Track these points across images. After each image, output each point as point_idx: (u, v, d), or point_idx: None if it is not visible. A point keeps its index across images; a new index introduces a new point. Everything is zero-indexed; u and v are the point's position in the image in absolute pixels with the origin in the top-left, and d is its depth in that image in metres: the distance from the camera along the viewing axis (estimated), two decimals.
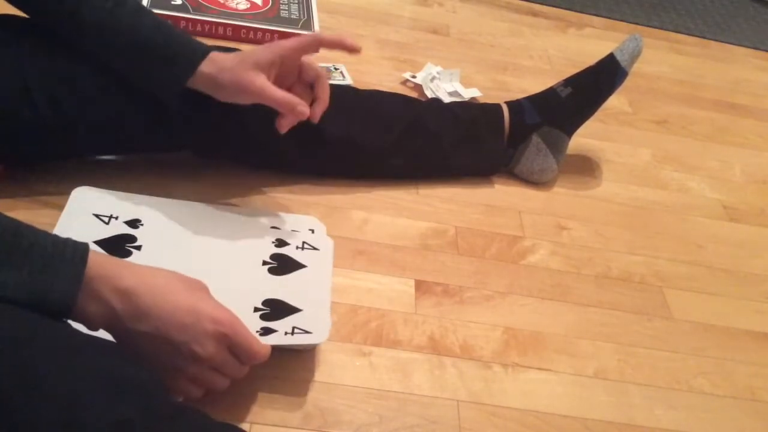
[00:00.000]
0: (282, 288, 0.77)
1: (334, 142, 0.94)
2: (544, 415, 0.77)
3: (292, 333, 0.71)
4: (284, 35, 1.27)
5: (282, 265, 0.80)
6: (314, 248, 0.84)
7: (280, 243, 0.83)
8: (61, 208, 0.84)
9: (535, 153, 1.06)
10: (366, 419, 0.73)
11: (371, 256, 0.91)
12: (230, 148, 0.93)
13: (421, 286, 0.89)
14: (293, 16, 1.32)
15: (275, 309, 0.74)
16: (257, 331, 0.70)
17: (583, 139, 1.16)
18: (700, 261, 1.04)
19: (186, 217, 0.85)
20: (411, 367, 0.79)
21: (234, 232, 0.84)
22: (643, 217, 1.10)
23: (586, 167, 1.17)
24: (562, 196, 1.10)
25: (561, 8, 1.68)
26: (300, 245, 0.84)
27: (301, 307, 0.75)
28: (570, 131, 1.08)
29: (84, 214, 0.82)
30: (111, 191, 0.86)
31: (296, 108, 0.79)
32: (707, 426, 0.81)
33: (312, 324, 0.73)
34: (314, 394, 0.73)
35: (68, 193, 0.85)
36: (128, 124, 0.86)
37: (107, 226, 0.81)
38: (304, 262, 0.81)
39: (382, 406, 0.74)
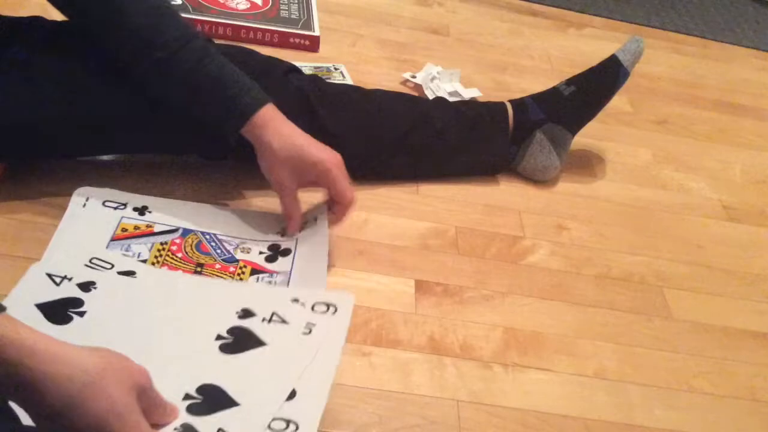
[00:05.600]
0: (231, 369, 0.67)
1: (342, 143, 0.94)
2: (544, 415, 0.77)
3: None
4: (284, 35, 1.27)
5: (238, 340, 0.70)
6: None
7: (246, 314, 0.73)
8: (61, 207, 0.84)
9: (539, 150, 1.06)
10: (366, 419, 0.73)
11: (371, 256, 0.91)
12: (236, 155, 0.93)
13: (421, 286, 0.89)
14: (293, 16, 1.32)
15: (209, 399, 0.63)
16: (174, 429, 0.60)
17: (584, 139, 1.16)
18: (700, 261, 1.04)
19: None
20: (411, 367, 0.79)
21: (198, 298, 0.77)
22: (643, 217, 1.10)
23: (586, 167, 1.17)
24: (562, 196, 1.10)
25: (561, 8, 1.68)
26: (268, 317, 0.72)
27: (239, 402, 0.63)
28: (573, 129, 1.09)
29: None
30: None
31: (288, 222, 0.86)
32: (707, 426, 0.81)
33: (242, 428, 0.61)
34: None
35: (68, 193, 0.85)
36: (135, 127, 0.86)
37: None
38: (266, 339, 0.70)
39: (382, 406, 0.74)
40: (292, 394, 0.64)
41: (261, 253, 0.85)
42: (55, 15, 0.87)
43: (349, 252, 0.91)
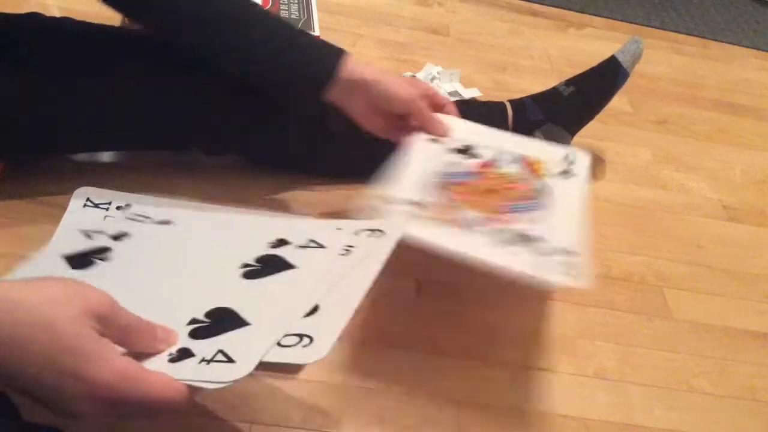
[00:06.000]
0: (250, 292, 0.61)
1: (341, 140, 0.94)
2: (544, 415, 0.77)
3: (210, 361, 0.53)
4: None
5: (265, 267, 0.65)
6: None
7: (280, 243, 0.67)
8: (61, 207, 0.84)
9: None
10: (366, 419, 0.73)
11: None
12: (239, 150, 0.94)
13: (421, 286, 0.89)
14: (293, 16, 1.32)
15: (217, 322, 0.57)
16: (169, 355, 0.53)
17: (583, 139, 1.16)
18: (700, 261, 1.04)
19: (187, 217, 0.85)
20: (411, 367, 0.79)
21: (230, 234, 0.72)
22: (643, 217, 1.10)
23: None
24: None
25: (561, 8, 1.68)
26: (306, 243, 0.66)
27: (250, 322, 0.57)
28: (572, 130, 1.09)
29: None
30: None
31: (441, 126, 0.86)
32: (707, 426, 0.81)
33: (244, 348, 0.54)
34: (314, 394, 0.73)
35: (68, 193, 0.85)
36: (136, 124, 0.86)
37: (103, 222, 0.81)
38: (293, 262, 0.65)
39: (382, 406, 0.74)
40: (314, 310, 0.58)
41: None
42: (55, 13, 0.87)
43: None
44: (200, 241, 0.72)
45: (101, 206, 0.85)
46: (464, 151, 0.86)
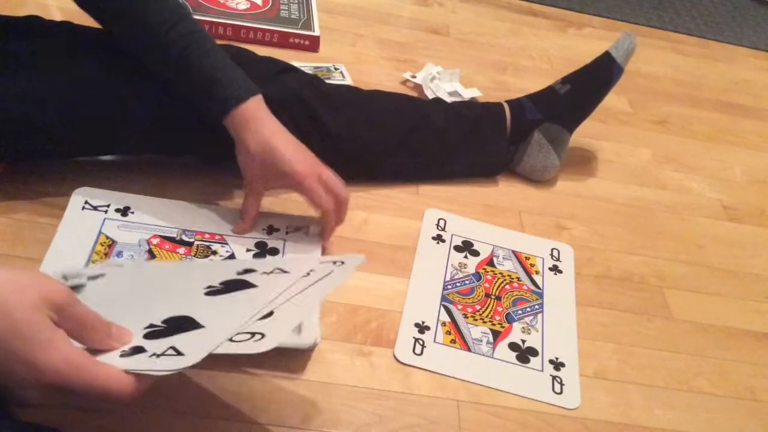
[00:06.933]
0: (209, 305, 0.63)
1: (341, 143, 0.94)
2: (544, 415, 0.77)
3: (161, 355, 0.54)
4: (284, 35, 1.27)
5: (227, 288, 0.67)
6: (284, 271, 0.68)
7: (246, 271, 0.69)
8: (61, 207, 0.84)
9: (537, 150, 1.06)
10: (366, 419, 0.73)
11: (371, 256, 0.91)
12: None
13: None
14: (293, 16, 1.32)
15: (172, 327, 0.58)
16: (122, 351, 0.54)
17: (583, 138, 1.16)
18: (700, 261, 1.04)
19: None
20: (411, 367, 0.79)
21: (202, 269, 0.75)
22: (643, 217, 1.10)
23: (586, 167, 1.17)
24: (562, 196, 1.10)
25: (561, 8, 1.68)
26: (268, 271, 0.69)
27: (205, 325, 0.59)
28: (570, 127, 1.09)
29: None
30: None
31: (241, 219, 0.87)
32: (707, 426, 0.81)
33: (195, 344, 0.55)
34: (314, 394, 0.73)
35: (68, 193, 0.85)
36: (135, 128, 0.86)
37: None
38: (255, 282, 0.67)
39: (382, 406, 0.74)
40: (269, 315, 0.59)
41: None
42: (55, 15, 0.87)
43: (349, 252, 0.90)
44: (172, 276, 0.73)
45: (100, 209, 0.85)
46: (465, 247, 0.94)
